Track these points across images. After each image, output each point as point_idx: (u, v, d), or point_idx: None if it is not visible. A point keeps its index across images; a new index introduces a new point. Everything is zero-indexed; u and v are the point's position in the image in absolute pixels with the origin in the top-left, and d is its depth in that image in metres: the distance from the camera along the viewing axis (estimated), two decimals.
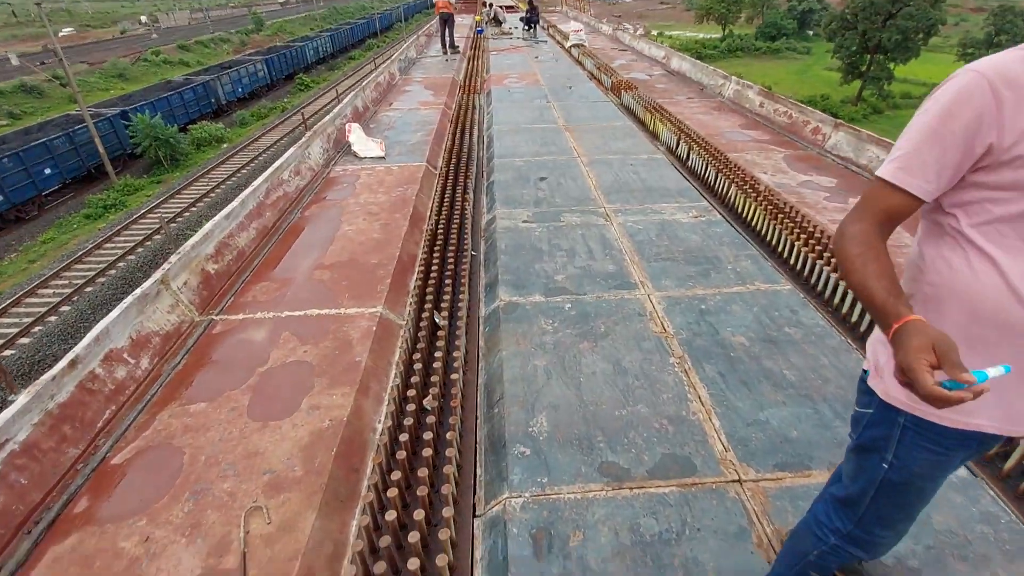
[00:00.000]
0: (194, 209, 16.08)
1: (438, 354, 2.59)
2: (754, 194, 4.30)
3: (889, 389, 1.09)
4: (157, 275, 2.78)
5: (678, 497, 1.99)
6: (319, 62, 39.88)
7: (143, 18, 62.14)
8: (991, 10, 35.36)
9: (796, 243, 3.62)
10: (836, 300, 3.19)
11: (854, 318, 3.03)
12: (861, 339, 2.88)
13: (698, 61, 9.96)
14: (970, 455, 1.13)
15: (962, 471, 2.09)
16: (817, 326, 2.92)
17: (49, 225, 16.59)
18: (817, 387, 2.49)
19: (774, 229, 3.92)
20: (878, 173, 1.03)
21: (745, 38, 49.97)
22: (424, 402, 2.38)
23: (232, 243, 3.52)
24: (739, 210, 4.46)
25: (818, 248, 3.47)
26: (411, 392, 2.35)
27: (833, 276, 3.23)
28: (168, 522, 1.85)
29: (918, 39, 29.96)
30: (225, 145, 22.65)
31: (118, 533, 1.82)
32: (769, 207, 4.06)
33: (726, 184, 4.73)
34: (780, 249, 3.83)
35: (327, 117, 6.07)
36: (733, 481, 2.05)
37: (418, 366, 2.46)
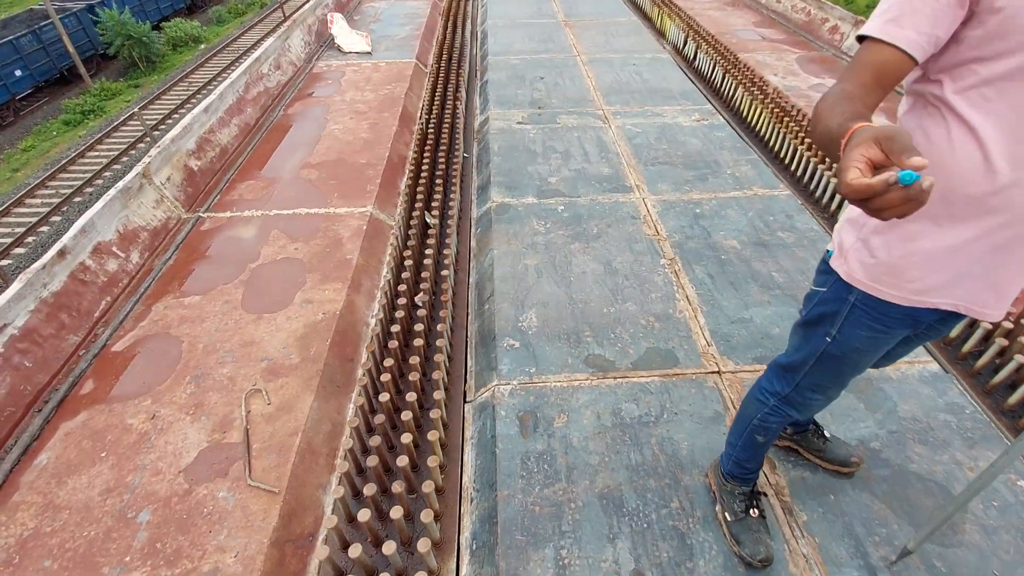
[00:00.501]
0: (176, 116, 15.36)
1: (429, 252, 2.59)
2: (761, 96, 4.10)
3: (852, 271, 1.10)
4: (138, 168, 2.70)
5: (659, 386, 2.08)
6: None
7: None
8: None
9: (800, 147, 3.51)
10: (833, 207, 3.15)
11: None
12: None
13: None
14: (915, 336, 1.19)
15: (934, 366, 2.17)
16: (811, 230, 2.90)
17: (27, 132, 15.88)
18: (804, 288, 2.52)
19: (778, 133, 3.78)
20: (863, 31, 0.92)
21: None
22: (416, 299, 2.41)
23: (214, 139, 3.39)
24: (744, 114, 4.28)
25: (820, 152, 3.37)
26: (402, 288, 2.38)
27: (834, 181, 3.16)
28: (172, 402, 1.94)
29: None
30: (203, 46, 21.16)
31: (125, 411, 1.91)
32: (776, 110, 3.89)
33: (733, 86, 4.49)
34: (783, 155, 3.73)
35: (307, 6, 5.61)
36: (712, 372, 2.14)
37: (409, 263, 2.47)
